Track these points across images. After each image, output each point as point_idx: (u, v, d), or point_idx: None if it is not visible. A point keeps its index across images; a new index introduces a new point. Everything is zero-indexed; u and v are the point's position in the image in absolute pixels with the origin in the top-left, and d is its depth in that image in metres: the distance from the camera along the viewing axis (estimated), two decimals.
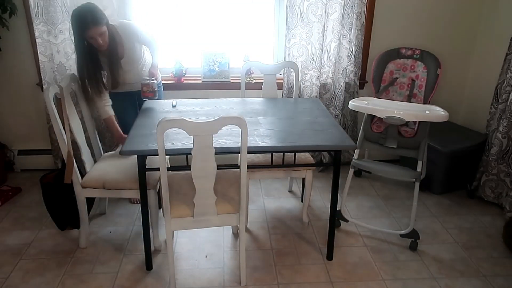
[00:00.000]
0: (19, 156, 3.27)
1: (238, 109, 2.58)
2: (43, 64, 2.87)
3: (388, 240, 2.55)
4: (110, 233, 2.57)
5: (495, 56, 3.05)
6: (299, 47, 3.02)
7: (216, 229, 2.61)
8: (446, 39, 3.23)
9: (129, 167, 2.40)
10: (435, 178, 3.02)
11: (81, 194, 2.31)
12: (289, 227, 2.65)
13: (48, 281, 2.18)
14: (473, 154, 2.99)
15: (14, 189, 3.02)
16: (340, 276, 2.24)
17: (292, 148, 2.07)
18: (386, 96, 2.71)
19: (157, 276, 2.22)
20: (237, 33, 3.22)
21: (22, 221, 2.68)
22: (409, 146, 2.44)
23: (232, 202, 2.06)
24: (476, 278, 2.24)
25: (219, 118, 1.77)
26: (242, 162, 1.89)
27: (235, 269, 2.28)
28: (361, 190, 3.13)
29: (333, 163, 2.17)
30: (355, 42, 3.05)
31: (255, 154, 2.55)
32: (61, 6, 2.74)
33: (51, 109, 2.11)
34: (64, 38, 2.82)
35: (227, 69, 3.17)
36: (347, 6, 2.92)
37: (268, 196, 3.02)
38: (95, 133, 2.62)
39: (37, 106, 3.16)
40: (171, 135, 2.11)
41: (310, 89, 3.14)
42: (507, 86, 2.69)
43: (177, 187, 2.16)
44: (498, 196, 2.88)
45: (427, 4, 3.11)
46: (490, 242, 2.54)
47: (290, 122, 2.35)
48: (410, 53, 2.62)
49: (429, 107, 2.36)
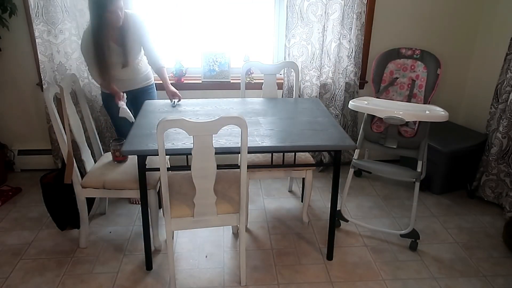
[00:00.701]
0: (19, 156, 3.27)
1: (238, 109, 2.58)
2: (43, 64, 2.87)
3: (388, 240, 2.55)
4: (110, 233, 2.57)
5: (495, 56, 3.05)
6: (299, 47, 3.02)
7: (216, 229, 2.61)
8: (446, 39, 3.23)
9: (129, 167, 2.40)
10: (435, 178, 3.02)
11: (81, 194, 2.31)
12: (289, 227, 2.65)
13: (48, 281, 2.18)
14: (473, 154, 2.99)
15: (14, 189, 3.02)
16: (340, 276, 2.24)
17: (292, 148, 2.07)
18: (386, 96, 2.71)
19: (157, 276, 2.22)
20: (237, 33, 3.22)
21: (22, 221, 2.68)
22: (409, 146, 2.44)
23: (232, 202, 2.06)
24: (476, 278, 2.24)
25: (219, 118, 1.77)
26: (242, 162, 1.89)
27: (235, 269, 2.28)
28: (361, 190, 3.13)
29: (333, 163, 2.17)
30: (355, 42, 3.05)
31: (255, 154, 2.55)
32: (61, 6, 2.74)
33: (51, 109, 2.11)
34: (64, 38, 2.82)
35: (227, 69, 3.17)
36: (347, 6, 2.92)
37: (268, 196, 3.02)
38: (95, 133, 2.62)
39: (37, 106, 3.16)
40: (171, 135, 2.11)
41: (310, 89, 3.14)
42: (507, 86, 2.69)
43: (177, 187, 2.16)
44: (498, 196, 2.88)
45: (427, 4, 3.11)
46: (490, 242, 2.54)
47: (290, 122, 2.35)
48: (410, 53, 2.62)
49: (429, 107, 2.36)
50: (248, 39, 3.26)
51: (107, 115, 3.04)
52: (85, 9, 2.75)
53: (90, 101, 2.97)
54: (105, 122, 3.08)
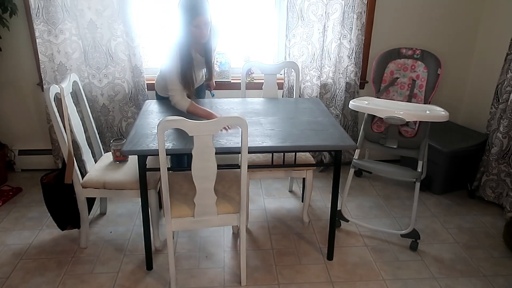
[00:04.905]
0: (20, 156, 3.27)
1: (238, 109, 2.58)
2: (43, 64, 2.87)
3: (388, 240, 2.55)
4: (110, 233, 2.57)
5: (495, 56, 3.05)
6: (299, 47, 3.02)
7: (217, 229, 2.61)
8: (447, 39, 3.23)
9: (129, 167, 2.41)
10: (436, 178, 3.02)
11: (81, 194, 2.31)
12: (289, 227, 2.65)
13: (48, 281, 2.18)
14: (473, 154, 2.99)
15: (14, 189, 3.02)
16: (340, 276, 2.24)
17: (292, 148, 2.07)
18: (387, 96, 2.71)
19: (158, 276, 2.22)
20: (237, 33, 3.22)
21: (22, 221, 2.68)
22: (409, 146, 2.44)
23: (232, 202, 2.06)
24: (477, 278, 2.24)
25: (220, 118, 1.77)
26: (242, 162, 1.89)
27: (236, 269, 2.28)
28: (362, 190, 3.13)
29: (334, 163, 2.17)
30: (355, 42, 3.05)
31: (255, 154, 2.55)
32: (61, 6, 2.74)
33: (52, 109, 2.11)
34: (64, 38, 2.82)
35: (228, 69, 3.17)
36: (347, 6, 2.92)
37: (268, 196, 3.02)
38: (96, 133, 2.62)
39: (38, 106, 3.16)
40: (171, 135, 2.11)
41: (310, 89, 3.14)
42: (508, 86, 2.69)
43: (177, 187, 2.16)
44: (498, 196, 2.88)
45: (428, 4, 3.11)
46: (490, 242, 2.54)
47: (291, 122, 2.35)
48: (411, 53, 2.62)
49: (430, 107, 2.36)
50: (248, 39, 3.26)
51: (107, 115, 3.05)
52: (85, 9, 2.76)
53: (90, 101, 2.97)
54: (105, 122, 3.08)
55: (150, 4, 3.10)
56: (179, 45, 2.32)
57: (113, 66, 2.93)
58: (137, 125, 2.27)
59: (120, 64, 2.93)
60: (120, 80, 2.98)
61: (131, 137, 2.10)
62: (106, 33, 2.84)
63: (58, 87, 2.19)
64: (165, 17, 3.13)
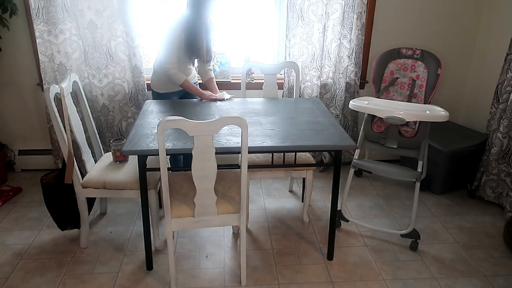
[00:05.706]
0: (20, 156, 3.27)
1: (238, 109, 2.58)
2: (43, 64, 2.87)
3: (388, 240, 2.55)
4: (110, 233, 2.57)
5: (495, 56, 3.05)
6: (299, 47, 3.02)
7: (217, 229, 2.61)
8: (447, 39, 3.23)
9: (129, 167, 2.41)
10: (436, 178, 3.02)
11: (81, 194, 2.31)
12: (289, 227, 2.65)
13: (48, 281, 2.18)
14: (473, 154, 2.99)
15: (14, 189, 3.02)
16: (340, 276, 2.24)
17: (292, 148, 2.07)
18: (387, 96, 2.71)
19: (158, 276, 2.22)
20: (237, 33, 3.22)
21: (22, 221, 2.68)
22: (409, 146, 2.44)
23: (232, 202, 2.06)
24: (477, 278, 2.24)
25: (220, 118, 1.77)
26: (242, 162, 1.89)
27: (236, 269, 2.28)
28: (362, 190, 3.13)
29: (334, 163, 2.17)
30: (355, 42, 3.05)
31: (255, 154, 2.55)
32: (61, 6, 2.74)
33: (52, 109, 2.11)
34: (64, 38, 2.82)
35: (228, 69, 3.17)
36: (347, 6, 2.92)
37: (268, 196, 3.02)
38: (96, 133, 2.62)
39: (38, 106, 3.16)
40: (171, 135, 2.11)
41: (310, 89, 3.14)
42: (508, 86, 2.69)
43: (177, 187, 2.16)
44: (498, 196, 2.88)
45: (428, 4, 3.11)
46: (490, 242, 2.54)
47: (291, 122, 2.35)
48: (411, 53, 2.62)
49: (430, 107, 2.36)
50: (248, 39, 3.26)
51: (107, 115, 3.05)
52: (85, 9, 2.76)
53: (90, 101, 2.97)
54: (105, 122, 3.08)
55: (150, 4, 3.10)
56: (191, 15, 2.51)
57: (113, 66, 2.94)
58: (137, 125, 2.27)
59: (120, 64, 2.94)
60: (120, 80, 2.98)
61: (131, 137, 2.11)
62: (106, 33, 2.84)
63: (58, 87, 2.19)
64: (165, 17, 3.14)
